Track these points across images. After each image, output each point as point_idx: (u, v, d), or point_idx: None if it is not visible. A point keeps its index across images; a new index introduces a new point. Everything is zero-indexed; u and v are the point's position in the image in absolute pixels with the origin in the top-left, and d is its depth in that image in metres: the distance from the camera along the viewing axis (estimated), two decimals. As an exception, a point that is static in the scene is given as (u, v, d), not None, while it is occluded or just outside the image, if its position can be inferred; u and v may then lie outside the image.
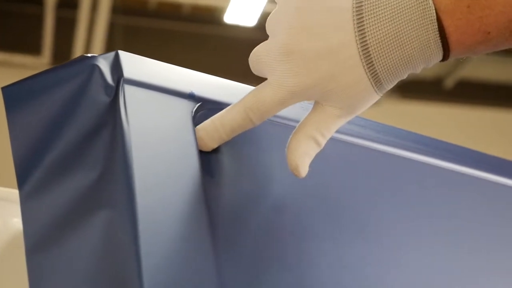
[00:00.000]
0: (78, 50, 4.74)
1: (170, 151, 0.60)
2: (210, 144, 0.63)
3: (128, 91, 0.60)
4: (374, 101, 0.62)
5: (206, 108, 0.65)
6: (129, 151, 0.57)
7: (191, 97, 0.64)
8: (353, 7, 0.58)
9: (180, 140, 0.61)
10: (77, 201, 0.58)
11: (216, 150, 0.64)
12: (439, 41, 0.58)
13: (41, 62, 4.85)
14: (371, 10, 0.58)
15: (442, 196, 0.82)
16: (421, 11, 0.58)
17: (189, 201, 0.58)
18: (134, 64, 0.63)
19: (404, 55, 0.59)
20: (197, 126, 0.63)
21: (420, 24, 0.58)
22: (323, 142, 0.63)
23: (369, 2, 0.58)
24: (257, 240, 0.62)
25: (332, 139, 0.65)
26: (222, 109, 0.64)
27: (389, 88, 0.61)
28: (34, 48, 4.89)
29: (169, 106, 0.62)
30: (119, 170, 0.57)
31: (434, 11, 0.58)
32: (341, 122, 0.63)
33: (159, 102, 0.62)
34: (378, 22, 0.58)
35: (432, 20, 0.58)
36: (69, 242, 0.57)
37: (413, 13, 0.58)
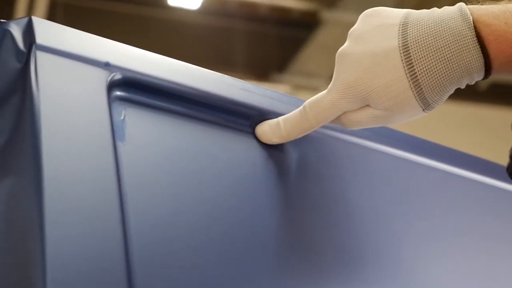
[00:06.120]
0: (17, 29, 4.63)
1: (82, 119, 0.58)
2: (270, 138, 0.71)
3: (40, 57, 0.59)
4: (414, 108, 0.65)
5: (121, 77, 0.63)
6: (38, 118, 0.56)
7: (106, 66, 0.63)
8: (401, 22, 0.66)
9: (93, 108, 0.60)
10: (-17, 168, 0.57)
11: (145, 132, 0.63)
12: (478, 46, 0.62)
13: (-21, 39, 4.73)
14: (415, 21, 0.65)
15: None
16: (460, 21, 0.63)
17: (99, 170, 0.57)
18: (49, 31, 0.62)
19: (442, 58, 0.63)
20: (264, 121, 0.71)
21: (459, 30, 0.63)
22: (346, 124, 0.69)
23: (414, 16, 0.65)
24: (171, 222, 0.61)
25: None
26: (140, 79, 0.64)
27: (430, 95, 0.64)
28: (-29, 25, 4.78)
29: (83, 75, 0.61)
30: (27, 137, 0.55)
31: (471, 20, 0.63)
32: (376, 120, 0.67)
33: (73, 70, 0.61)
34: (419, 29, 0.64)
35: (470, 27, 0.63)
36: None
37: (453, 21, 0.64)
